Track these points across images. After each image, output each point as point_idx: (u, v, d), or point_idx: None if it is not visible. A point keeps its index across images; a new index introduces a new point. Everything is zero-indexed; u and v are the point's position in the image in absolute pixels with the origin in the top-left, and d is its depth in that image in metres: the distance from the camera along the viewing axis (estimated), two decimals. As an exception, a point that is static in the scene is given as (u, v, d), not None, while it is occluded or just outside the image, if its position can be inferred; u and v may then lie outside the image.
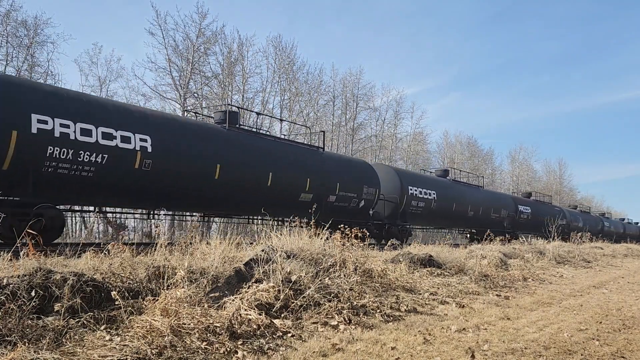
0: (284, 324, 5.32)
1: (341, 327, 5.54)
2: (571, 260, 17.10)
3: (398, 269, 9.07)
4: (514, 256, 14.43)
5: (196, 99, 27.83)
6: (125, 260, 6.02)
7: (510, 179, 57.58)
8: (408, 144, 42.23)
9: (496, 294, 8.99)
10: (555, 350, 5.30)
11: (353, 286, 6.79)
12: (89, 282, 4.84)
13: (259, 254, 6.73)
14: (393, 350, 4.87)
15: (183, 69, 27.06)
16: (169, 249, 6.80)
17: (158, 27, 26.30)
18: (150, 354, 4.00)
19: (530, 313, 7.46)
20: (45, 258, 5.84)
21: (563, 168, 68.26)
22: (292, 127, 29.69)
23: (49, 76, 23.24)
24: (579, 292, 10.30)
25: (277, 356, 4.48)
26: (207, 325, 4.67)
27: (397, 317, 6.40)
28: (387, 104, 40.96)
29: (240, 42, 30.06)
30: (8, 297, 4.25)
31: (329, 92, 36.28)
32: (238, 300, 5.36)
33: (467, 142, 52.58)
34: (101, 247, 6.62)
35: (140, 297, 5.21)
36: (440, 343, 5.28)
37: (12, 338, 3.84)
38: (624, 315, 7.64)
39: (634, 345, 5.75)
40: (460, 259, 11.48)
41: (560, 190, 63.17)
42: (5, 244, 9.21)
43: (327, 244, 8.09)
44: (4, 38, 22.01)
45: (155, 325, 4.43)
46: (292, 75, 33.01)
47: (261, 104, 31.29)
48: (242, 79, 29.79)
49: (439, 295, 8.07)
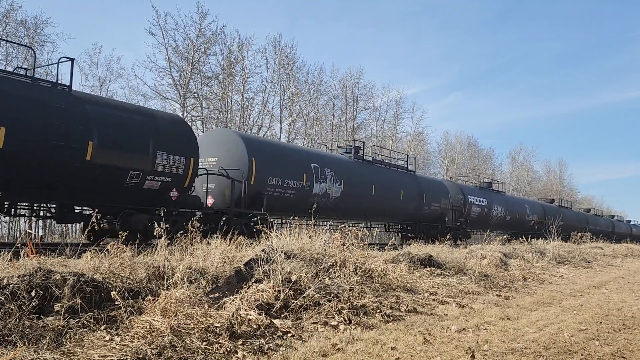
0: (284, 324, 5.32)
1: (341, 327, 5.54)
2: (571, 260, 17.11)
3: (398, 269, 9.07)
4: (514, 256, 14.43)
5: (196, 99, 27.84)
6: (125, 260, 6.02)
7: (510, 179, 57.56)
8: (408, 144, 42.22)
9: (496, 294, 8.99)
10: (556, 350, 5.30)
11: (353, 286, 6.79)
12: (89, 282, 4.84)
13: (259, 254, 6.73)
14: (393, 350, 4.87)
15: (183, 69, 27.07)
16: (169, 249, 6.80)
17: (158, 27, 26.31)
18: (150, 354, 4.00)
19: (530, 313, 7.46)
20: (45, 258, 5.84)
21: (563, 168, 68.35)
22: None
23: (48, 76, 23.23)
24: (579, 292, 10.31)
25: (277, 356, 4.48)
26: (207, 326, 4.67)
27: (397, 317, 6.39)
28: (387, 104, 40.98)
29: (240, 42, 30.10)
30: (8, 297, 4.25)
31: (329, 92, 36.31)
32: (238, 300, 5.36)
33: (467, 142, 52.62)
34: (101, 246, 6.61)
35: (140, 297, 5.20)
36: (440, 343, 5.28)
37: (12, 338, 3.84)
38: (624, 315, 7.64)
39: (634, 345, 5.75)
40: (460, 259, 11.49)
41: (560, 190, 63.14)
42: (6, 244, 9.23)
43: (327, 244, 8.09)
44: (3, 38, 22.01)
45: (155, 326, 4.43)
46: (292, 75, 33.03)
47: (261, 104, 31.32)
48: (242, 79, 29.80)
49: (439, 295, 8.07)
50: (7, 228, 18.98)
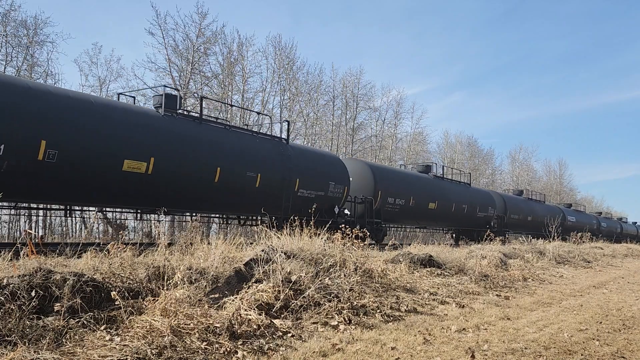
0: (284, 324, 5.32)
1: (341, 327, 5.54)
2: (571, 260, 17.11)
3: (398, 269, 9.07)
4: (514, 256, 14.43)
5: (196, 99, 27.82)
6: (125, 260, 6.02)
7: (510, 179, 57.57)
8: (408, 144, 42.23)
9: (496, 294, 8.99)
10: (555, 350, 5.30)
11: (353, 286, 6.79)
12: (89, 282, 4.84)
13: (259, 254, 6.73)
14: (393, 350, 4.88)
15: (183, 69, 27.05)
16: (169, 249, 6.80)
17: (158, 27, 26.27)
18: (150, 354, 4.00)
19: (530, 313, 7.46)
20: (46, 258, 5.84)
21: (563, 168, 68.32)
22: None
23: (48, 76, 23.24)
24: (579, 292, 10.31)
25: (277, 356, 4.48)
26: (207, 326, 4.67)
27: (397, 317, 6.40)
28: (387, 104, 40.94)
29: (240, 42, 30.05)
30: (8, 297, 4.25)
31: (329, 92, 36.26)
32: (238, 300, 5.36)
33: (467, 142, 52.60)
34: (101, 246, 6.62)
35: (140, 297, 5.20)
36: (440, 343, 5.28)
37: (12, 338, 3.84)
38: (624, 315, 7.64)
39: (634, 345, 5.75)
40: (460, 259, 11.49)
41: (561, 191, 63.17)
42: (6, 244, 9.23)
43: (327, 244, 8.09)
44: (2, 38, 22.01)
45: (155, 326, 4.43)
46: (292, 75, 33.00)
47: (261, 104, 31.30)
48: (242, 79, 29.79)
49: (439, 296, 8.07)
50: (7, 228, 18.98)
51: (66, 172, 9.78)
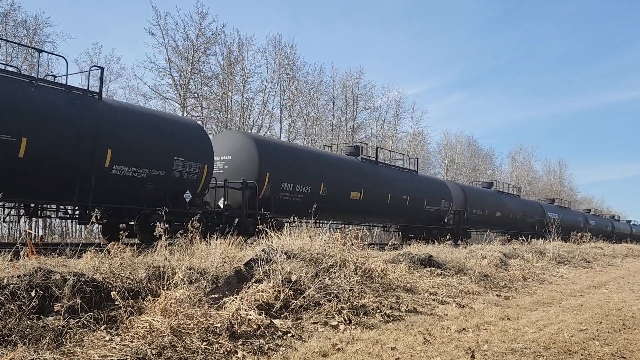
0: (284, 324, 5.32)
1: (341, 327, 5.54)
2: (571, 261, 17.11)
3: (398, 269, 9.07)
4: (514, 256, 14.43)
5: (196, 99, 27.84)
6: (125, 260, 6.02)
7: (510, 179, 57.57)
8: (408, 144, 42.24)
9: (496, 294, 8.99)
10: (556, 350, 5.30)
11: (353, 286, 6.79)
12: (89, 282, 4.84)
13: (259, 254, 6.73)
14: (393, 350, 4.88)
15: (183, 69, 27.06)
16: (170, 249, 6.80)
17: (158, 27, 26.29)
18: (150, 354, 4.00)
19: (530, 313, 7.46)
20: (46, 258, 5.84)
21: (563, 168, 68.31)
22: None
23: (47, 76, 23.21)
24: (579, 292, 10.31)
25: (277, 356, 4.48)
26: (207, 326, 4.67)
27: (397, 317, 6.40)
28: (387, 104, 40.98)
29: (240, 42, 30.07)
30: (8, 297, 4.25)
31: (329, 92, 36.30)
32: (238, 300, 5.36)
33: (467, 142, 52.61)
34: (101, 246, 6.62)
35: (140, 297, 5.20)
36: (440, 343, 5.28)
37: (12, 338, 3.84)
38: (624, 315, 7.64)
39: (634, 345, 5.75)
40: (460, 259, 11.50)
41: (561, 191, 63.15)
42: (6, 244, 9.23)
43: (327, 244, 8.09)
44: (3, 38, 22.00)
45: (155, 326, 4.43)
46: (292, 75, 33.03)
47: (261, 104, 31.31)
48: (242, 79, 29.80)
49: (439, 296, 8.07)
50: (7, 228, 18.98)
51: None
